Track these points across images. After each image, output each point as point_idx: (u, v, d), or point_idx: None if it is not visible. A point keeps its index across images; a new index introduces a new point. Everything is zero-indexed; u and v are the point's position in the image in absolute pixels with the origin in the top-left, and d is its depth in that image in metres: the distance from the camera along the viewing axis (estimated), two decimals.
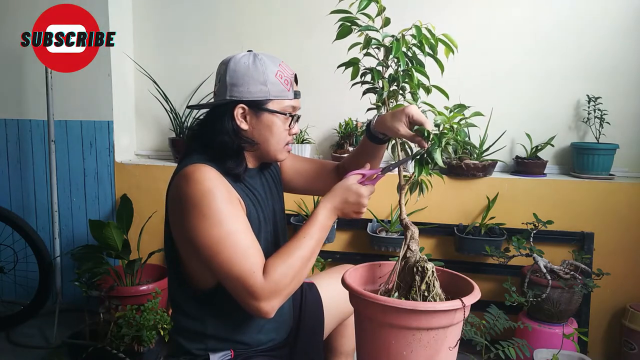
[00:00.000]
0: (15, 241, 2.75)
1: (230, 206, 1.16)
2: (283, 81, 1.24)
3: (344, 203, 1.21)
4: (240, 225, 1.15)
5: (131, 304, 2.27)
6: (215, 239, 1.12)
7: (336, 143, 2.67)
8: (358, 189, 1.20)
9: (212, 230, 1.12)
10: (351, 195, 1.20)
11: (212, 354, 1.27)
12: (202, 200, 1.13)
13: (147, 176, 2.75)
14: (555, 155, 2.58)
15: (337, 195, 1.22)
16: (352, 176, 1.23)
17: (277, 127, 1.25)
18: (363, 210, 1.22)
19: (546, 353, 1.96)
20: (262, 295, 1.11)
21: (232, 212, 1.15)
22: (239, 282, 1.12)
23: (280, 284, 1.12)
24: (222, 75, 1.25)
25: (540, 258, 2.04)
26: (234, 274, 1.12)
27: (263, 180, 1.38)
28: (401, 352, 1.02)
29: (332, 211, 1.21)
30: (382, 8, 1.20)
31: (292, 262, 1.14)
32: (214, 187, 1.14)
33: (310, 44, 2.69)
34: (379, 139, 1.33)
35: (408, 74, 1.20)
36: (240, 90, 1.22)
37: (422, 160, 1.16)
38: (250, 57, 1.24)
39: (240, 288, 1.12)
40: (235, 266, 1.11)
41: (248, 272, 1.11)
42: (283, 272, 1.13)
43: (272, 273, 1.12)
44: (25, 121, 2.87)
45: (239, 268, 1.11)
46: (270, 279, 1.11)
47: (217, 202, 1.13)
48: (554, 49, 2.51)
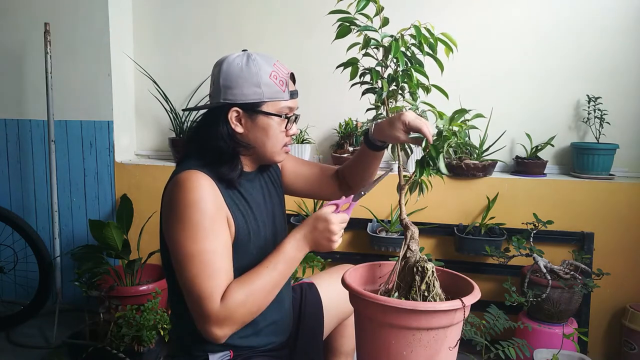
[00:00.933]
0: (15, 241, 2.76)
1: (213, 224, 1.14)
2: (278, 82, 1.21)
3: (313, 231, 1.16)
4: (217, 246, 1.13)
5: (131, 304, 2.27)
6: (188, 252, 1.11)
7: (336, 143, 2.67)
8: (326, 215, 1.16)
9: (187, 243, 1.11)
10: (319, 222, 1.16)
11: (212, 354, 1.26)
12: (187, 212, 1.12)
13: (147, 176, 2.75)
14: (555, 155, 2.58)
15: (306, 224, 1.18)
16: (325, 207, 1.19)
17: (273, 130, 1.23)
18: (335, 239, 1.16)
19: (546, 353, 1.96)
20: (216, 320, 1.09)
21: (213, 230, 1.13)
22: (196, 301, 1.10)
23: (235, 313, 1.10)
24: (216, 77, 1.23)
25: (540, 258, 2.04)
26: (195, 292, 1.10)
27: (262, 182, 1.37)
28: (401, 352, 1.02)
29: (301, 241, 1.17)
30: (380, 8, 1.20)
31: (251, 291, 1.12)
32: (201, 200, 1.13)
33: (310, 44, 2.69)
34: (378, 146, 1.31)
35: (407, 74, 1.20)
36: (234, 93, 1.20)
37: (423, 161, 1.16)
38: (244, 57, 1.21)
39: (197, 308, 1.11)
40: (197, 285, 1.10)
41: (207, 294, 1.09)
42: (240, 301, 1.10)
43: (229, 300, 1.10)
44: (25, 121, 2.87)
45: (200, 287, 1.10)
46: (226, 306, 1.09)
47: (200, 217, 1.12)
48: (553, 48, 2.51)
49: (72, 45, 2.74)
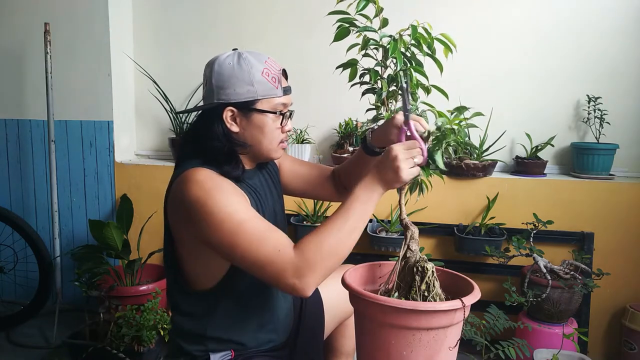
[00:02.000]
0: (15, 241, 2.76)
1: (236, 198, 1.13)
2: (270, 79, 1.21)
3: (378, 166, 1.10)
4: (251, 213, 1.12)
5: (131, 304, 2.27)
6: (227, 231, 1.08)
7: (336, 143, 2.67)
8: (388, 149, 1.09)
9: (223, 225, 1.08)
10: (382, 156, 1.10)
11: (213, 354, 1.26)
12: (208, 199, 1.11)
13: (147, 176, 2.75)
14: (555, 155, 2.58)
15: (373, 165, 1.12)
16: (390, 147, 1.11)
17: (268, 127, 1.23)
18: (402, 166, 1.06)
19: (546, 353, 1.96)
20: (294, 271, 1.04)
21: (240, 202, 1.13)
22: (267, 266, 1.06)
23: (312, 259, 1.04)
24: (208, 78, 1.23)
25: (540, 258, 2.04)
26: (262, 260, 1.06)
27: (262, 179, 1.38)
28: (401, 352, 1.02)
29: (370, 182, 1.10)
30: (379, 9, 1.20)
31: (324, 235, 1.06)
32: (216, 185, 1.13)
33: (310, 44, 2.69)
34: (376, 152, 1.31)
35: (407, 74, 1.20)
36: (227, 92, 1.20)
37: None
38: (235, 57, 1.22)
39: (270, 272, 1.06)
40: (259, 252, 1.06)
41: (273, 252, 1.06)
42: (315, 245, 1.05)
43: (303, 247, 1.05)
44: (25, 121, 2.87)
45: (264, 252, 1.06)
46: (301, 253, 1.05)
47: (223, 197, 1.11)
48: (554, 49, 2.51)
49: (72, 45, 2.74)
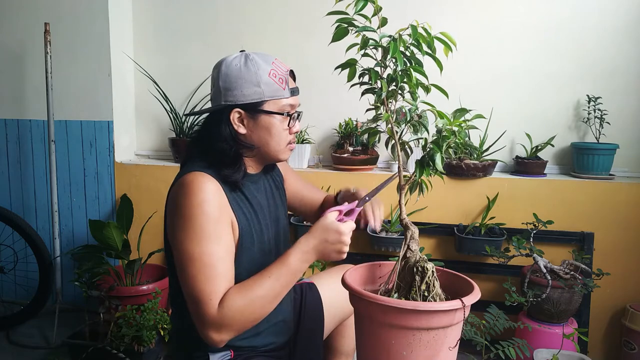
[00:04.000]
0: (15, 241, 2.76)
1: (216, 227, 1.13)
2: (277, 80, 1.21)
3: (324, 243, 1.14)
4: (218, 249, 1.12)
5: (131, 304, 2.27)
6: (189, 254, 1.11)
7: (336, 143, 2.67)
8: (337, 226, 1.13)
9: (190, 245, 1.11)
10: (330, 234, 1.13)
11: (212, 354, 1.26)
12: (191, 214, 1.12)
13: (147, 176, 2.75)
14: (555, 155, 2.58)
15: (315, 236, 1.14)
16: (329, 214, 1.17)
17: (275, 128, 1.23)
18: (345, 250, 1.14)
19: (546, 353, 1.96)
20: (212, 324, 1.09)
21: (216, 233, 1.13)
22: (195, 304, 1.10)
23: (233, 319, 1.09)
24: (215, 79, 1.23)
25: (540, 258, 2.04)
26: (194, 294, 1.10)
27: (266, 185, 1.37)
28: (401, 352, 1.02)
29: (308, 253, 1.14)
30: (378, 8, 1.20)
31: (250, 299, 1.10)
32: (205, 203, 1.12)
33: (309, 44, 2.69)
34: None
35: (406, 74, 1.20)
36: (234, 94, 1.20)
37: (424, 161, 1.16)
38: (242, 58, 1.22)
39: (195, 310, 1.11)
40: (196, 287, 1.10)
41: (206, 297, 1.09)
42: (238, 308, 1.09)
43: (227, 306, 1.09)
44: (25, 121, 2.87)
45: (199, 290, 1.09)
46: (223, 312, 1.08)
47: (204, 219, 1.11)
48: (554, 48, 2.50)
49: (72, 45, 2.74)
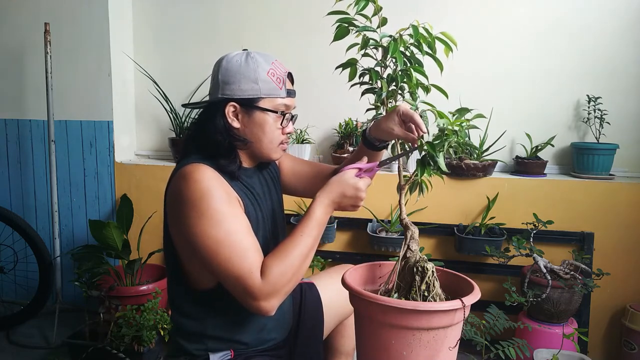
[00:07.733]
0: (15, 241, 2.76)
1: (229, 206, 1.15)
2: (275, 79, 1.23)
3: (342, 197, 1.20)
4: (239, 226, 1.15)
5: (131, 304, 2.27)
6: (213, 239, 1.12)
7: (336, 143, 2.67)
8: (356, 182, 1.19)
9: (211, 231, 1.12)
10: (348, 188, 1.19)
11: (212, 354, 1.27)
12: (201, 201, 1.13)
13: (147, 176, 2.75)
14: (555, 155, 2.58)
15: (333, 189, 1.20)
16: (348, 170, 1.22)
17: (269, 126, 1.25)
18: (360, 204, 1.21)
19: (546, 353, 1.96)
20: (261, 295, 1.10)
21: (231, 211, 1.15)
22: (237, 282, 1.11)
23: (278, 284, 1.11)
24: (215, 73, 1.26)
25: (540, 258, 2.04)
26: (233, 274, 1.11)
27: (261, 179, 1.38)
28: (401, 352, 1.02)
29: (329, 206, 1.20)
30: (378, 8, 1.20)
31: (289, 261, 1.13)
32: (212, 187, 1.14)
33: (310, 44, 2.69)
34: (376, 146, 1.33)
35: (406, 74, 1.20)
36: (231, 88, 1.22)
37: (424, 161, 1.16)
38: (243, 55, 1.24)
39: (239, 288, 1.12)
40: (234, 266, 1.11)
41: (246, 272, 1.11)
42: (281, 272, 1.12)
43: (270, 273, 1.11)
44: (25, 121, 2.87)
45: (238, 268, 1.11)
46: (268, 279, 1.11)
47: (216, 202, 1.13)
48: (554, 48, 2.50)
49: (72, 45, 2.74)
